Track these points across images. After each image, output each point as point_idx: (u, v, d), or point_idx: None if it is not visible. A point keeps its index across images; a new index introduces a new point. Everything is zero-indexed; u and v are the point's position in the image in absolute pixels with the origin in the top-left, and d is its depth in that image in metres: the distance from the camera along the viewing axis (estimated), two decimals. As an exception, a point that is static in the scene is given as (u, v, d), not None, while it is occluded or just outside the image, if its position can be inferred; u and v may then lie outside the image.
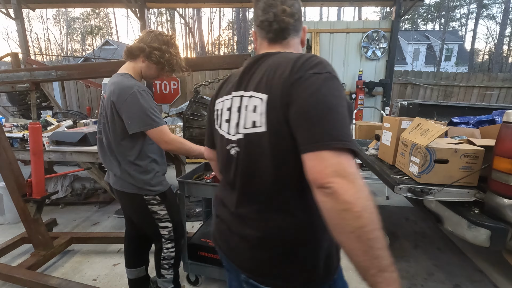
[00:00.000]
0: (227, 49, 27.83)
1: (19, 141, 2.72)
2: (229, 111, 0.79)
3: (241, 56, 1.67)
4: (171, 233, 1.57)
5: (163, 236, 1.56)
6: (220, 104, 0.84)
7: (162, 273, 1.63)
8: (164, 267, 1.62)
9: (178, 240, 1.62)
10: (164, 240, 1.57)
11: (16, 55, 4.16)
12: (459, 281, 2.07)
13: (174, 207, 1.59)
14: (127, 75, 1.41)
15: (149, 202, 1.47)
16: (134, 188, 1.43)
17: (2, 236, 2.58)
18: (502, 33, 21.07)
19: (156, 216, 1.51)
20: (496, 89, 6.60)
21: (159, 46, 1.38)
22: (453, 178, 1.84)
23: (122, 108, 1.31)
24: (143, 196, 1.45)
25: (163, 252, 1.59)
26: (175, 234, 1.58)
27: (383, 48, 5.59)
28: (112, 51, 17.98)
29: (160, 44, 1.39)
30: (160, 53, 1.39)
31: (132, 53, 1.41)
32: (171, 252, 1.60)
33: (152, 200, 1.47)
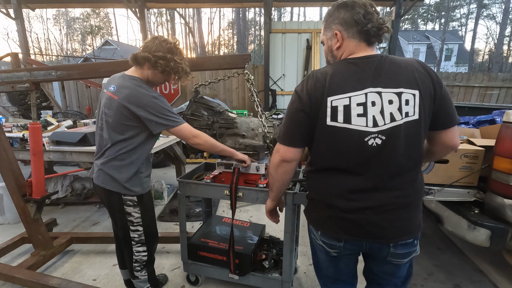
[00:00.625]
0: (227, 49, 27.83)
1: (19, 141, 2.72)
2: (363, 105, 0.92)
3: (241, 56, 1.67)
4: (141, 237, 1.57)
5: (132, 239, 1.56)
6: (341, 101, 0.93)
7: (135, 274, 1.64)
8: (137, 269, 1.63)
9: (150, 244, 1.63)
10: (134, 243, 1.58)
11: (16, 55, 4.15)
12: (459, 281, 2.07)
13: (149, 212, 1.60)
14: (138, 79, 1.44)
15: (125, 203, 1.49)
16: (114, 185, 1.45)
17: (2, 236, 2.58)
18: (502, 33, 21.06)
19: (129, 218, 1.52)
20: (496, 89, 6.61)
21: (164, 55, 1.38)
22: (453, 178, 1.84)
23: (144, 111, 1.36)
24: (122, 195, 1.47)
25: (135, 255, 1.59)
26: (146, 238, 1.59)
27: (383, 48, 5.59)
28: (112, 51, 17.96)
29: (164, 52, 1.38)
30: (165, 62, 1.40)
31: (138, 61, 1.42)
32: (143, 256, 1.61)
33: (129, 201, 1.49)
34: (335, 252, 1.09)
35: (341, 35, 1.00)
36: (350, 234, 1.02)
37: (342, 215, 1.01)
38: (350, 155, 0.96)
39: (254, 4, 6.99)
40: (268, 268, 1.84)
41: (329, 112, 0.94)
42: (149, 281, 1.67)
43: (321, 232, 1.09)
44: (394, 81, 0.93)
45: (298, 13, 26.76)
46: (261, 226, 2.18)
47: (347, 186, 0.99)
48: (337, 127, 0.94)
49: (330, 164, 1.02)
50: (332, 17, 1.03)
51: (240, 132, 1.74)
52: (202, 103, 1.79)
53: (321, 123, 0.96)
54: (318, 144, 1.01)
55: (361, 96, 0.93)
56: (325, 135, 0.97)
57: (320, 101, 0.95)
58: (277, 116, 5.50)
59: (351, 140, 0.94)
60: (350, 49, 1.00)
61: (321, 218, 1.08)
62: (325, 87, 0.95)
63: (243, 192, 1.64)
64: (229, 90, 6.54)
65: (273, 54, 5.92)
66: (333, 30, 1.03)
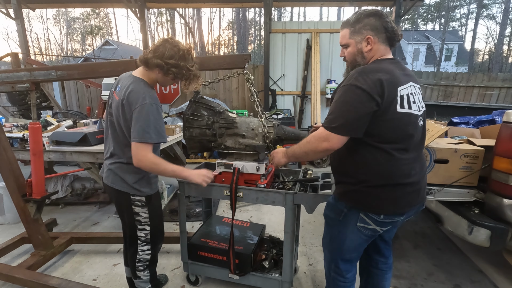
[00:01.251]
0: (227, 49, 27.81)
1: (19, 141, 2.72)
2: (412, 95, 1.16)
3: (241, 56, 1.67)
4: (148, 236, 1.59)
5: (139, 238, 1.58)
6: (404, 91, 1.13)
7: (138, 274, 1.64)
8: (139, 269, 1.63)
9: (155, 243, 1.64)
10: (140, 242, 1.59)
11: (16, 55, 4.15)
12: (459, 281, 2.07)
13: (157, 211, 1.61)
14: (143, 82, 1.41)
15: (133, 203, 1.50)
16: (123, 185, 1.46)
17: (2, 236, 2.58)
18: (502, 33, 21.04)
19: (137, 218, 1.53)
20: (496, 89, 6.60)
21: (177, 62, 1.35)
22: (453, 178, 1.84)
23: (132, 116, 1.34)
24: (130, 195, 1.48)
25: (139, 254, 1.60)
26: (151, 238, 1.60)
27: (383, 48, 5.60)
28: (112, 51, 17.95)
29: (177, 60, 1.35)
30: (178, 70, 1.38)
31: (148, 65, 1.39)
32: (146, 254, 1.61)
33: (137, 201, 1.50)
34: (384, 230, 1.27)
35: (372, 40, 1.18)
36: (411, 204, 1.22)
37: (409, 189, 1.19)
38: (412, 135, 1.16)
39: (254, 4, 6.99)
40: (268, 268, 1.84)
41: (398, 101, 1.11)
42: (151, 281, 1.68)
43: (385, 215, 1.20)
44: (414, 77, 1.23)
45: (298, 13, 26.76)
46: (261, 226, 2.18)
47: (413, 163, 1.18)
48: (405, 113, 1.13)
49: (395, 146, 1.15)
50: (362, 23, 1.20)
51: (240, 132, 1.74)
52: (202, 103, 1.79)
53: (391, 111, 1.11)
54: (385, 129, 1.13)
55: (409, 87, 1.16)
56: (395, 121, 1.12)
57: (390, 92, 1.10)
58: (277, 116, 5.49)
59: (414, 122, 1.16)
60: (380, 52, 1.21)
61: (389, 201, 1.19)
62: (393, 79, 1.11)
63: (243, 192, 1.64)
64: (229, 90, 6.54)
65: (273, 54, 5.92)
66: (364, 35, 1.20)
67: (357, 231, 1.27)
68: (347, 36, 1.24)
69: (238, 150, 1.74)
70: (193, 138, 1.76)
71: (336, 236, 1.35)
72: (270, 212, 3.19)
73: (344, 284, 1.41)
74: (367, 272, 1.58)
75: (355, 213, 1.25)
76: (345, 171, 1.28)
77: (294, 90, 6.06)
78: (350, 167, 1.23)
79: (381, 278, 1.53)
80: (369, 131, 1.13)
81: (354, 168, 1.22)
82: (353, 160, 1.21)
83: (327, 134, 1.14)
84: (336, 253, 1.38)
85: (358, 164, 1.20)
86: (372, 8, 1.18)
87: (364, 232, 1.27)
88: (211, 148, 1.80)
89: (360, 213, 1.23)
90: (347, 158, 1.23)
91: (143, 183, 1.49)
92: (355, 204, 1.24)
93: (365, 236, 1.29)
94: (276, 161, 1.47)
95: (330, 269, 1.44)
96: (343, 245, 1.33)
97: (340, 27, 1.28)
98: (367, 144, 1.16)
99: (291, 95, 6.07)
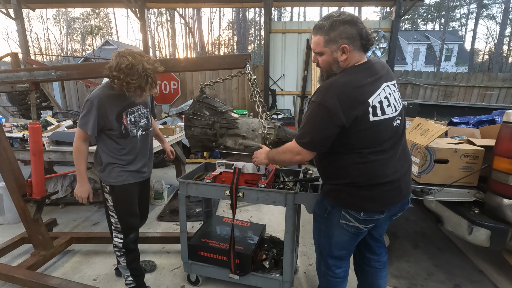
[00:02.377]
0: (227, 49, 27.80)
1: (19, 141, 2.72)
2: (386, 98, 1.19)
3: (241, 56, 1.66)
4: (117, 225, 1.73)
5: (111, 223, 1.76)
6: (376, 99, 1.16)
7: (117, 259, 1.81)
8: (117, 254, 1.79)
9: (126, 233, 1.74)
10: (112, 228, 1.76)
11: (16, 55, 4.15)
12: (459, 281, 2.07)
13: (121, 203, 1.71)
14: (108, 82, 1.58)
15: (104, 190, 1.72)
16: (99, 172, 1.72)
17: (2, 236, 2.58)
18: (502, 33, 21.04)
19: (108, 204, 1.73)
20: (496, 89, 6.60)
21: (118, 75, 1.45)
22: (453, 178, 1.84)
23: None
24: (101, 181, 1.71)
25: (114, 240, 1.77)
26: (121, 226, 1.73)
27: (383, 48, 5.59)
28: (112, 51, 17.89)
29: (119, 72, 1.44)
30: (120, 82, 1.47)
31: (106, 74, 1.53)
32: (119, 242, 1.75)
33: (105, 188, 1.71)
34: (367, 227, 1.32)
35: (348, 48, 1.17)
36: (392, 202, 1.27)
37: (388, 188, 1.23)
38: (388, 138, 1.20)
39: (254, 4, 6.98)
40: (269, 268, 1.84)
41: (370, 111, 1.15)
42: (130, 270, 1.80)
43: (364, 212, 1.25)
44: (388, 75, 1.25)
45: (298, 13, 26.76)
46: (261, 226, 2.18)
47: (389, 162, 1.22)
48: (379, 120, 1.17)
49: (371, 150, 1.19)
50: (337, 32, 1.16)
51: (240, 132, 1.73)
52: (205, 103, 1.80)
53: (364, 121, 1.14)
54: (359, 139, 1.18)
55: (382, 91, 1.19)
56: (368, 130, 1.16)
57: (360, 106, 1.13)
58: (277, 116, 5.50)
59: (388, 126, 1.20)
60: (356, 58, 1.21)
61: (367, 199, 1.23)
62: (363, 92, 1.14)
63: (244, 192, 1.64)
64: (229, 90, 6.53)
65: (273, 54, 5.92)
66: (339, 44, 1.17)
67: (340, 228, 1.33)
68: (321, 44, 1.21)
69: (238, 151, 1.74)
70: (194, 137, 1.77)
71: (324, 232, 1.41)
72: (270, 212, 3.19)
73: (334, 279, 1.46)
74: (361, 271, 1.61)
75: (337, 210, 1.31)
76: (328, 175, 1.36)
77: (294, 90, 6.06)
78: (332, 171, 1.32)
79: (376, 276, 1.55)
80: (344, 141, 1.19)
81: (334, 172, 1.30)
82: (333, 165, 1.29)
83: (299, 149, 1.26)
84: (325, 249, 1.43)
85: (338, 168, 1.27)
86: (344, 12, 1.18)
87: (347, 229, 1.32)
88: (212, 148, 1.81)
89: (342, 211, 1.30)
90: (328, 163, 1.32)
91: (106, 173, 1.68)
92: (336, 202, 1.31)
93: (350, 233, 1.33)
94: (258, 161, 1.56)
95: (320, 263, 1.49)
96: (331, 240, 1.38)
97: (313, 32, 1.24)
98: (344, 150, 1.22)
99: (291, 95, 6.07)
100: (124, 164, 1.68)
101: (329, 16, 1.19)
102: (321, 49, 1.22)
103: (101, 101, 1.54)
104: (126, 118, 1.63)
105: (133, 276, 1.81)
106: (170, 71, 1.99)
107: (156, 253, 2.40)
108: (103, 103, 1.54)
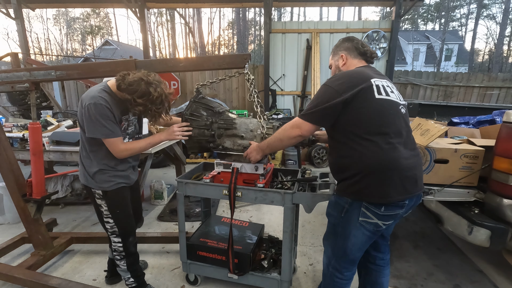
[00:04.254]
0: (227, 49, 27.80)
1: (19, 141, 2.72)
2: (389, 87, 1.32)
3: (241, 56, 1.66)
4: (114, 229, 1.70)
5: (107, 229, 1.72)
6: (378, 82, 1.28)
7: (117, 263, 1.79)
8: (117, 258, 1.77)
9: (124, 236, 1.73)
10: (109, 233, 1.73)
11: (16, 55, 4.16)
12: (459, 281, 2.07)
13: (117, 207, 1.67)
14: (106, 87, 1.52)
15: (95, 196, 1.64)
16: (85, 179, 1.63)
17: (2, 236, 2.58)
18: (502, 33, 21.02)
19: (101, 209, 1.67)
20: (496, 89, 6.60)
21: (144, 103, 1.45)
22: (453, 178, 1.84)
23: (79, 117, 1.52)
24: (91, 188, 1.63)
25: (112, 244, 1.75)
26: (119, 230, 1.71)
27: (383, 48, 5.59)
28: (112, 51, 17.96)
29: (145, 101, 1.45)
30: (144, 108, 1.47)
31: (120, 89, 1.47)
32: (119, 246, 1.74)
33: (97, 195, 1.64)
34: (386, 224, 1.29)
35: (345, 56, 1.47)
36: (410, 192, 1.25)
37: (404, 174, 1.22)
38: (396, 122, 1.25)
39: (254, 4, 6.99)
40: (267, 268, 1.84)
41: (375, 89, 1.25)
42: (130, 272, 1.80)
43: (385, 207, 1.23)
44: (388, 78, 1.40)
45: (298, 13, 26.73)
46: (260, 226, 2.18)
47: (401, 148, 1.23)
48: (384, 99, 1.25)
49: (381, 136, 1.21)
50: (339, 47, 1.51)
51: (238, 133, 1.73)
52: (202, 103, 1.79)
53: (369, 97, 1.23)
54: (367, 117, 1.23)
55: (384, 82, 1.32)
56: (375, 107, 1.23)
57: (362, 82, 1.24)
58: (277, 116, 5.49)
59: (395, 109, 1.27)
60: (354, 64, 1.44)
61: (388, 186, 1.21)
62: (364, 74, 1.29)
63: (242, 192, 1.64)
64: (229, 90, 6.54)
65: (273, 54, 5.92)
66: (339, 55, 1.49)
67: (359, 226, 1.29)
68: (330, 59, 1.57)
69: (236, 152, 1.73)
70: (191, 138, 1.76)
71: (341, 234, 1.36)
72: (270, 212, 3.19)
73: (341, 281, 1.44)
74: (365, 268, 1.60)
75: (356, 207, 1.28)
76: (342, 169, 1.32)
77: (294, 90, 6.06)
78: (345, 163, 1.30)
79: (379, 274, 1.55)
80: (353, 122, 1.24)
81: (348, 163, 1.28)
82: (345, 156, 1.29)
83: (300, 121, 1.32)
84: (340, 251, 1.39)
85: (351, 158, 1.27)
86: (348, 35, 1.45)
87: (367, 227, 1.28)
88: (210, 149, 1.80)
89: (362, 207, 1.26)
90: (340, 156, 1.32)
91: (98, 179, 1.60)
92: (356, 197, 1.27)
93: (368, 231, 1.30)
94: (253, 159, 1.59)
95: (329, 264, 1.46)
96: (348, 242, 1.34)
97: None
98: (355, 137, 1.25)
99: (291, 95, 6.07)
100: (113, 169, 1.63)
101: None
102: (330, 62, 1.58)
103: (109, 106, 1.48)
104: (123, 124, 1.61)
105: (134, 277, 1.81)
106: (170, 71, 1.99)
107: (156, 253, 2.40)
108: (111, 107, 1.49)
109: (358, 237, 1.32)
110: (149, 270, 2.17)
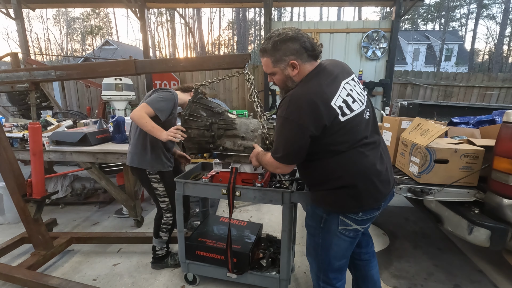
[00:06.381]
0: (227, 49, 27.80)
1: (19, 141, 2.72)
2: (349, 95, 1.19)
3: (241, 56, 1.66)
4: (169, 206, 2.04)
5: (162, 208, 2.04)
6: (338, 100, 1.15)
7: (160, 234, 2.07)
8: (163, 230, 2.07)
9: (174, 211, 1.97)
10: (164, 211, 2.04)
11: (16, 55, 4.16)
12: (459, 281, 2.07)
13: (171, 187, 1.94)
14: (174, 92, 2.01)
15: (151, 179, 1.96)
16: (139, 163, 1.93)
17: (2, 236, 2.58)
18: (502, 33, 20.99)
19: (157, 192, 1.99)
20: (496, 89, 6.60)
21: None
22: (453, 178, 1.84)
23: None
24: (146, 171, 1.94)
25: (163, 219, 2.05)
26: (172, 206, 2.01)
27: (383, 48, 5.59)
28: (112, 51, 17.95)
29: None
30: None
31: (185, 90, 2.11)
32: (169, 219, 2.06)
33: (154, 178, 1.96)
34: (365, 227, 1.29)
35: (297, 63, 1.20)
36: (385, 194, 1.25)
37: (380, 179, 1.21)
38: (364, 131, 1.20)
39: (254, 4, 6.98)
40: (266, 267, 1.84)
41: (338, 112, 1.14)
42: (166, 243, 2.13)
43: (363, 212, 1.23)
44: (344, 72, 1.25)
45: (298, 13, 26.74)
46: (258, 225, 2.18)
47: (373, 154, 1.21)
48: (349, 119, 1.16)
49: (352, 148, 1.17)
50: (281, 51, 1.19)
51: (239, 133, 1.72)
52: (201, 104, 1.78)
53: (335, 124, 1.13)
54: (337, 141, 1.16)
55: (343, 89, 1.18)
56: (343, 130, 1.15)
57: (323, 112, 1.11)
58: (277, 116, 5.47)
59: (361, 120, 1.19)
60: (307, 69, 1.22)
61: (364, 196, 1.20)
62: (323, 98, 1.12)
63: (241, 191, 1.65)
64: (229, 90, 6.53)
65: (273, 54, 5.91)
66: (287, 61, 1.20)
67: (340, 234, 1.28)
68: (270, 65, 1.24)
69: (237, 152, 1.73)
70: (191, 139, 1.74)
71: (321, 244, 1.33)
72: (270, 212, 3.19)
73: None
74: (353, 265, 1.61)
75: (334, 217, 1.26)
76: (316, 182, 1.30)
77: (294, 90, 6.05)
78: (320, 178, 1.26)
79: (367, 267, 1.57)
80: (323, 147, 1.18)
81: (323, 178, 1.24)
82: (319, 172, 1.24)
83: (277, 163, 1.26)
84: (324, 263, 1.36)
85: (325, 173, 1.22)
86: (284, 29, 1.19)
87: (347, 234, 1.27)
88: (209, 150, 1.79)
89: (340, 216, 1.25)
90: (314, 170, 1.26)
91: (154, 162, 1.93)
92: (333, 208, 1.25)
93: (349, 238, 1.29)
94: (254, 163, 1.55)
95: (319, 279, 1.41)
96: (330, 252, 1.32)
97: (259, 54, 1.28)
98: (326, 155, 1.19)
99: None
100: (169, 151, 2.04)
101: (269, 37, 1.22)
102: (271, 69, 1.26)
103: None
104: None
105: (167, 247, 2.16)
106: (170, 71, 1.99)
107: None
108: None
109: (340, 245, 1.30)
110: (148, 270, 2.17)
